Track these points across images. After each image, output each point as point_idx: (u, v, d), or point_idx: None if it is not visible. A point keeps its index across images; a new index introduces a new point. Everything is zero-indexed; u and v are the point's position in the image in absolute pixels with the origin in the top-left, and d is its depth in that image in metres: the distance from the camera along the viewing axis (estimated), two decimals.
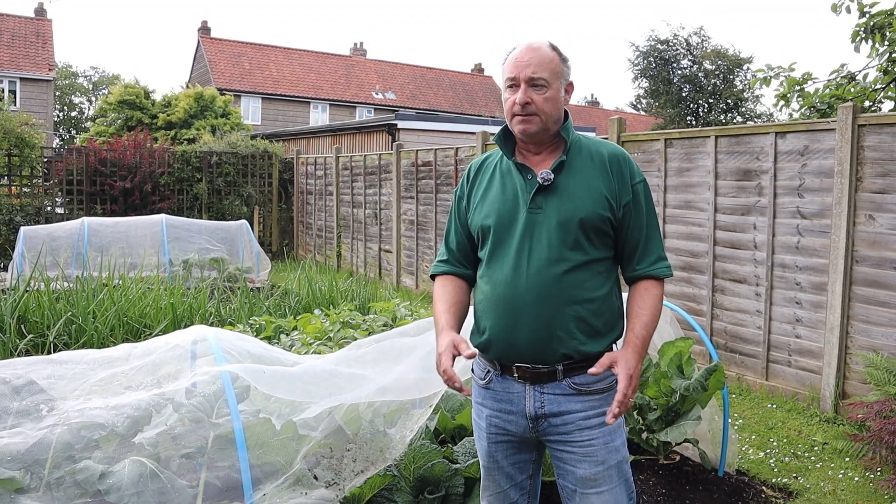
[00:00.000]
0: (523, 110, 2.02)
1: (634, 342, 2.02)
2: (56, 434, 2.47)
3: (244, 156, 14.00)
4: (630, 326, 2.05)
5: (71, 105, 48.98)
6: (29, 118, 12.89)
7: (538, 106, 2.02)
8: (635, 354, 2.00)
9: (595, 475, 2.02)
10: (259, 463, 2.73)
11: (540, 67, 2.02)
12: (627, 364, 1.97)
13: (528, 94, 2.02)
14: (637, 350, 2.01)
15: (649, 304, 2.06)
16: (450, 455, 3.40)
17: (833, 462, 4.28)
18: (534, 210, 2.02)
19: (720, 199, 5.88)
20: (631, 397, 1.95)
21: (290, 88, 31.77)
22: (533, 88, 2.02)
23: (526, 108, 2.01)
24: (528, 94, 2.01)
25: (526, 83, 2.02)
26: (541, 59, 2.03)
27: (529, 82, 2.02)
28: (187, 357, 2.81)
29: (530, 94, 2.02)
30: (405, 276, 10.40)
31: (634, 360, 1.98)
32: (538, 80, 2.02)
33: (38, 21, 28.58)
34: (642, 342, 2.02)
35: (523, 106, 2.01)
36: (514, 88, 2.04)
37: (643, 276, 2.09)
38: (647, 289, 2.08)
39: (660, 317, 2.10)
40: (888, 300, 4.76)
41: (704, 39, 29.66)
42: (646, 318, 2.05)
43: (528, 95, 2.01)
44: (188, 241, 10.43)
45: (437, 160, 9.59)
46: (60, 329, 5.74)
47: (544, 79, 2.02)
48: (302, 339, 4.87)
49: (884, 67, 7.52)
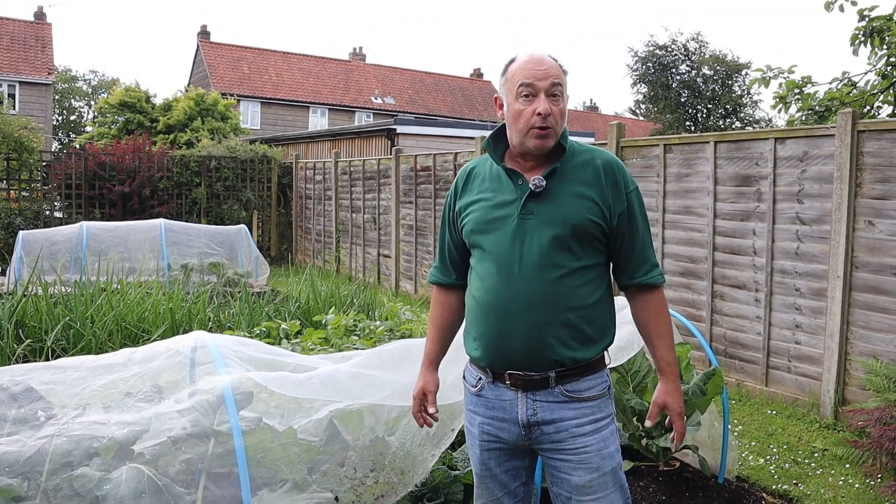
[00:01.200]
0: (545, 122, 1.94)
1: (670, 370, 2.06)
2: (54, 444, 2.45)
3: (243, 160, 14.00)
4: (659, 353, 2.08)
5: (70, 109, 49.00)
6: (28, 122, 12.90)
7: (555, 117, 1.96)
8: (675, 385, 2.06)
9: (590, 482, 2.00)
10: (259, 469, 2.72)
11: (556, 77, 1.97)
12: (676, 402, 2.05)
13: (548, 104, 1.95)
14: (675, 377, 2.07)
15: (663, 320, 2.08)
16: (449, 461, 3.39)
17: (833, 469, 4.27)
18: (525, 216, 1.99)
19: (719, 205, 5.88)
20: (684, 432, 2.06)
21: (290, 93, 31.80)
22: (551, 99, 1.96)
23: (548, 119, 1.94)
24: (549, 105, 1.95)
25: (545, 92, 1.96)
26: (555, 69, 1.99)
27: (549, 91, 1.96)
28: (187, 364, 2.79)
29: (550, 104, 1.96)
30: (404, 280, 10.39)
31: (678, 392, 2.05)
32: (557, 87, 1.97)
33: (37, 25, 28.62)
34: (676, 366, 2.08)
35: (545, 118, 1.94)
36: (530, 98, 1.96)
37: (643, 284, 2.07)
38: (654, 302, 2.07)
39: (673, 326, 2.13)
40: (888, 306, 4.76)
41: (703, 45, 29.75)
42: (667, 337, 2.08)
43: (549, 106, 1.95)
44: (187, 245, 10.40)
45: (437, 165, 9.59)
46: (58, 334, 5.72)
47: (561, 87, 1.98)
48: (304, 344, 4.86)
49: (882, 72, 7.54)
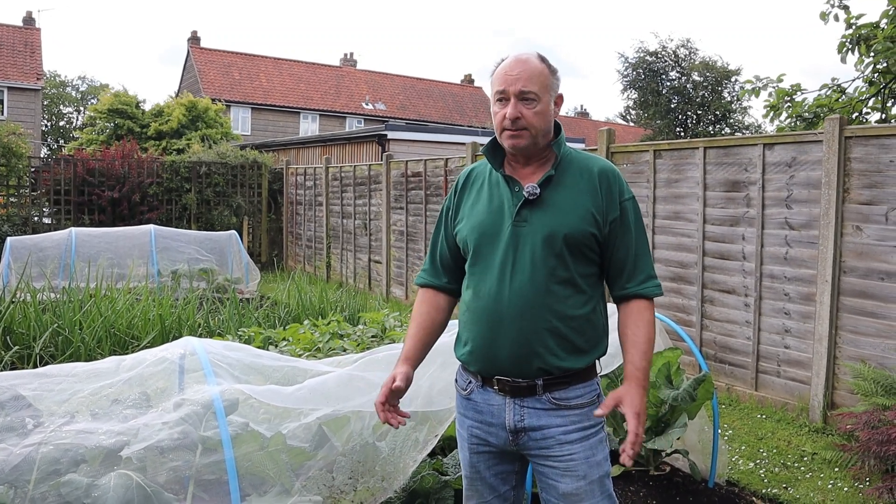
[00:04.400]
0: (514, 125, 1.98)
1: (637, 376, 1.97)
2: (41, 452, 2.43)
3: (233, 166, 13.97)
4: (629, 358, 2.01)
5: (59, 115, 48.78)
6: (16, 128, 12.81)
7: (528, 120, 1.98)
8: (639, 389, 1.96)
9: (577, 490, 1.99)
10: (247, 475, 2.71)
11: (530, 81, 1.98)
12: (633, 402, 1.93)
13: (518, 108, 1.98)
14: (640, 384, 1.96)
15: (643, 330, 2.02)
16: (439, 467, 3.38)
17: (822, 472, 4.29)
18: (519, 223, 1.99)
19: (709, 210, 5.91)
20: (642, 436, 1.92)
21: (280, 99, 31.77)
22: (523, 102, 1.98)
23: (516, 122, 1.98)
24: (518, 109, 1.98)
25: (516, 97, 1.98)
26: (531, 72, 1.99)
27: (519, 96, 1.98)
28: (176, 371, 2.78)
29: (520, 108, 1.98)
30: (395, 286, 10.38)
31: (640, 397, 1.94)
32: (528, 93, 1.98)
33: (26, 30, 28.48)
34: (644, 374, 1.98)
35: (514, 121, 1.98)
36: (503, 102, 2.00)
37: (633, 295, 2.04)
38: (639, 312, 2.03)
39: (655, 339, 2.06)
40: (875, 310, 4.79)
41: (692, 52, 29.95)
42: (643, 345, 2.00)
43: (518, 110, 1.98)
44: (177, 251, 10.37)
45: (427, 171, 9.59)
46: (47, 341, 5.69)
47: (534, 92, 1.99)
48: (291, 350, 4.84)
49: (869, 79, 7.61)
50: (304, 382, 2.86)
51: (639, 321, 2.02)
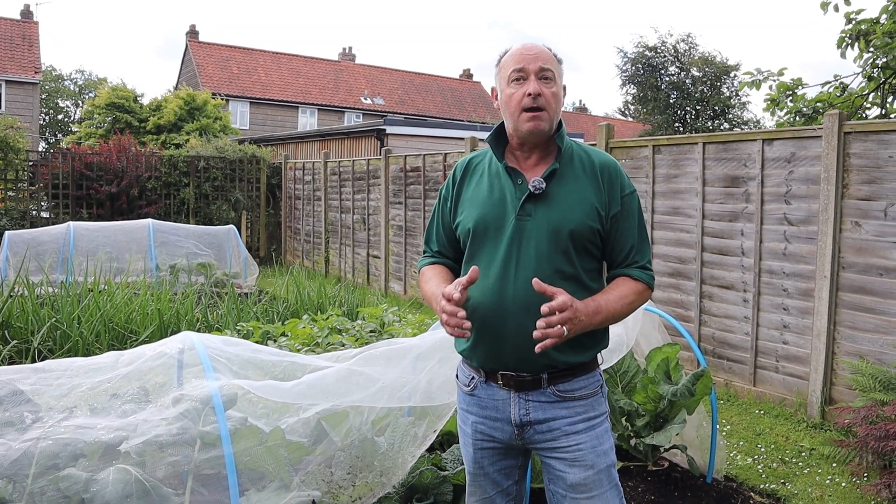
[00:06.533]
0: (535, 102, 1.95)
1: (589, 302, 1.89)
2: (40, 447, 2.43)
3: (232, 160, 13.94)
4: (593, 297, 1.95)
5: (57, 108, 48.62)
6: (14, 121, 12.76)
7: (547, 100, 1.96)
8: (594, 304, 1.90)
9: (585, 480, 1.99)
10: (246, 470, 2.71)
11: (547, 61, 1.99)
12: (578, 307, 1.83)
13: (538, 85, 1.96)
14: (597, 302, 1.91)
15: (627, 291, 1.99)
16: (438, 462, 3.39)
17: (820, 468, 4.30)
18: (523, 217, 1.97)
19: (708, 206, 5.91)
20: (568, 316, 1.80)
21: (279, 93, 31.70)
22: (542, 81, 1.97)
23: (537, 99, 1.95)
24: (539, 86, 1.96)
25: (535, 75, 1.97)
26: (546, 53, 2.01)
27: (539, 74, 1.97)
28: (174, 366, 2.78)
29: (541, 86, 1.96)
30: (393, 281, 10.38)
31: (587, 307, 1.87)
32: (548, 71, 1.97)
33: (24, 23, 28.37)
34: (605, 306, 1.92)
35: (535, 97, 1.95)
36: (521, 82, 1.98)
37: (625, 274, 2.04)
38: (625, 282, 2.02)
39: (630, 312, 2.01)
40: (874, 306, 4.80)
41: (692, 47, 29.87)
42: (619, 297, 1.96)
43: (539, 87, 1.96)
44: (175, 245, 10.35)
45: (426, 166, 9.58)
46: (45, 335, 5.68)
47: (552, 71, 1.99)
48: (290, 345, 4.84)
49: (868, 74, 7.61)
50: (302, 377, 2.86)
51: (623, 286, 2.01)
